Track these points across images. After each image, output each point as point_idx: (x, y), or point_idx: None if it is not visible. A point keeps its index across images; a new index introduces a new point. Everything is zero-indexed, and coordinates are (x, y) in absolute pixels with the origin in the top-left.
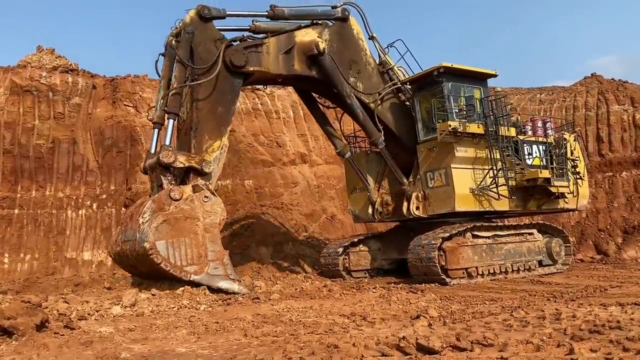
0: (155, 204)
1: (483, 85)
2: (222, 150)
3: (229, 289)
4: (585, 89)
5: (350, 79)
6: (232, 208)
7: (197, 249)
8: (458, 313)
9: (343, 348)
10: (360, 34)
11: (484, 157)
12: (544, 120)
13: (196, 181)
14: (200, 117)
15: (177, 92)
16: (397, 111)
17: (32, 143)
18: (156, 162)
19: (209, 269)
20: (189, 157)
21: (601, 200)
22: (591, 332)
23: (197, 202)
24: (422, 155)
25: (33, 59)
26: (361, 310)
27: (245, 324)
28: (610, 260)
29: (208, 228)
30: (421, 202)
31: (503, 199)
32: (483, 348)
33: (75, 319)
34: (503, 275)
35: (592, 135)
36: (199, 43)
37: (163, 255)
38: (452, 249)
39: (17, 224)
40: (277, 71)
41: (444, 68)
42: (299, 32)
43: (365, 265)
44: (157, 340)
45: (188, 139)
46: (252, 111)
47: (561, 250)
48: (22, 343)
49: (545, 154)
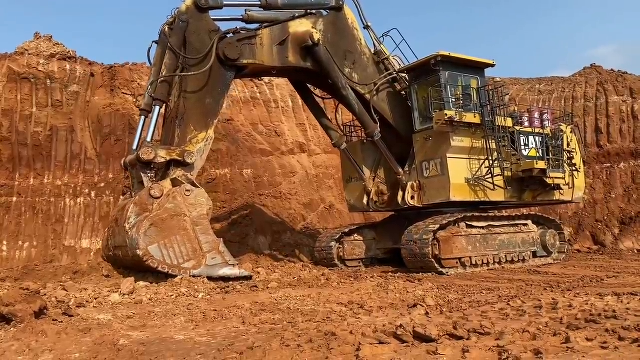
0: (138, 207)
1: (480, 75)
2: (206, 142)
3: (232, 274)
4: (584, 79)
5: (346, 69)
6: (230, 197)
7: (190, 244)
8: (455, 302)
9: (340, 336)
10: (355, 23)
11: (480, 147)
12: (541, 112)
13: (175, 174)
14: (188, 107)
15: (166, 80)
16: (393, 101)
17: (30, 131)
18: (136, 159)
19: (207, 261)
20: (169, 150)
21: (599, 191)
22: (587, 321)
23: (180, 198)
24: (418, 144)
25: (31, 46)
26: (359, 298)
27: (244, 312)
28: (607, 250)
29: (197, 221)
30: (416, 192)
31: (498, 189)
32: (480, 336)
33: (73, 307)
34: (497, 266)
35: (590, 126)
36: (193, 33)
37: (158, 259)
38: (446, 238)
39: (16, 211)
40: (271, 63)
41: (441, 57)
42: (292, 23)
43: (360, 255)
44: (156, 328)
45: (173, 128)
46: (250, 100)
47: (556, 242)
48: (21, 330)
49: (541, 145)
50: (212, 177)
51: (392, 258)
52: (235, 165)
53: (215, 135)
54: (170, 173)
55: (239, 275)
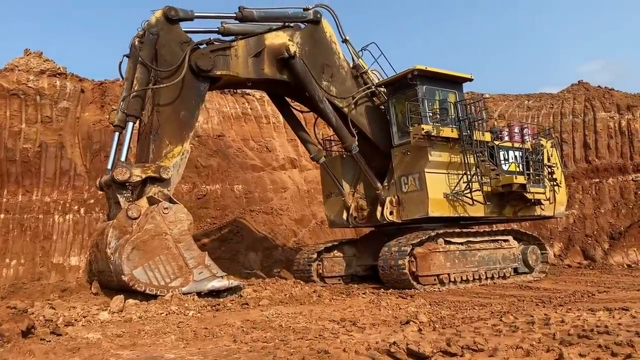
0: (117, 230)
1: (458, 89)
2: (182, 156)
3: (221, 286)
4: (572, 95)
5: (323, 82)
6: (221, 213)
7: (175, 262)
8: (448, 318)
9: (334, 353)
10: (333, 36)
11: (458, 161)
12: (521, 126)
13: (151, 191)
14: (161, 121)
15: (138, 94)
16: (372, 115)
17: (19, 147)
18: (111, 179)
19: (194, 276)
20: (144, 168)
21: (588, 206)
22: (580, 336)
23: (159, 217)
24: (396, 159)
25: (20, 62)
26: (351, 315)
27: (235, 330)
28: (597, 265)
29: (179, 238)
30: (395, 207)
31: (478, 204)
32: (473, 353)
33: (62, 325)
34: (476, 283)
35: (579, 142)
36: (164, 45)
37: (145, 282)
38: (423, 255)
39: (3, 228)
40: (246, 75)
41: (417, 71)
42: (269, 35)
43: (340, 272)
44: (146, 346)
45: (147, 143)
46: (241, 116)
47: (538, 259)
48: (8, 349)
49: (521, 159)
50: (203, 192)
51: (373, 275)
52: (226, 181)
53: (206, 151)
54: (147, 190)
55: (228, 286)
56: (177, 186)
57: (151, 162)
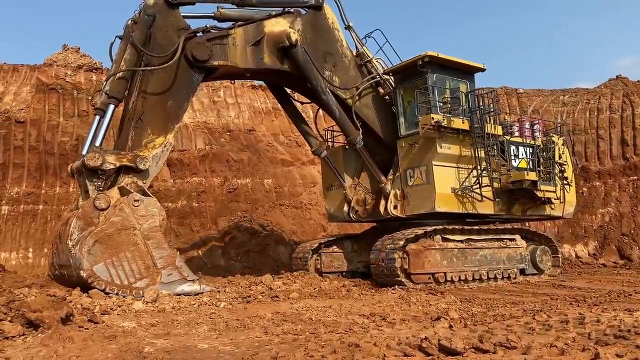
0: (81, 221)
1: (470, 79)
2: (164, 149)
3: (192, 291)
4: (610, 91)
5: (326, 72)
6: (251, 207)
7: (142, 261)
8: (479, 315)
9: (365, 348)
10: (335, 23)
11: (468, 155)
12: (532, 122)
13: (124, 181)
14: (146, 108)
15: (124, 76)
16: (377, 106)
17: (57, 140)
18: (82, 165)
19: (163, 278)
20: (119, 156)
21: (625, 205)
22: (617, 337)
23: (129, 209)
24: (402, 151)
25: (59, 58)
26: (381, 310)
27: (266, 322)
28: (635, 265)
29: (148, 234)
30: (400, 202)
31: (487, 201)
32: (506, 350)
33: (98, 314)
34: (477, 284)
35: (616, 139)
36: (160, 29)
37: (106, 280)
38: (417, 252)
39: (42, 219)
40: (245, 65)
41: (429, 57)
42: (268, 22)
43: (340, 268)
44: (180, 336)
45: (128, 130)
46: (272, 111)
47: (548, 261)
48: (48, 336)
49: (532, 156)
50: (234, 187)
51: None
52: (257, 175)
53: (238, 146)
54: (120, 180)
55: (199, 292)
56: (210, 180)
57: (129, 150)
